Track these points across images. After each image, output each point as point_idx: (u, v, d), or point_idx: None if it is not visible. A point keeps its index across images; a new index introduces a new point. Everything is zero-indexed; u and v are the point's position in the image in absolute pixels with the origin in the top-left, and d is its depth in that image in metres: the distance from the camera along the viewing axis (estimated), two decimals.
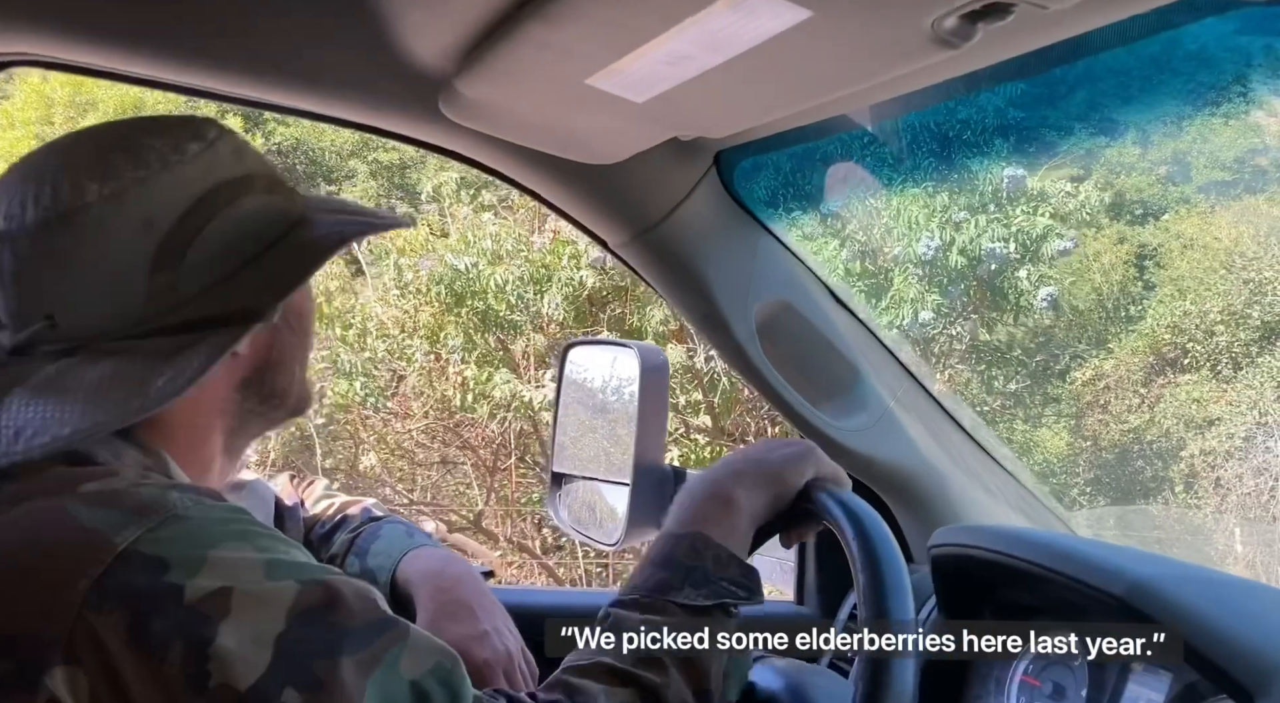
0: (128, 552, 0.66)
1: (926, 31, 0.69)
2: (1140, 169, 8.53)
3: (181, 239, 0.75)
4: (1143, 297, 7.98)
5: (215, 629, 0.64)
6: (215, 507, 0.72)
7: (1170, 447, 7.39)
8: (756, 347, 1.30)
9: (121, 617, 0.64)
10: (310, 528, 1.20)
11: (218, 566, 0.66)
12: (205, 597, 0.65)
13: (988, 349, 7.40)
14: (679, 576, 0.82)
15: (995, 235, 6.16)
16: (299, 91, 1.16)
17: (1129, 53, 0.94)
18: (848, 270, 6.05)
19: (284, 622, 0.66)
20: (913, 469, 1.39)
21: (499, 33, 0.90)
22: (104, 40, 1.07)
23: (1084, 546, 1.04)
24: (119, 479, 0.71)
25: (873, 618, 0.76)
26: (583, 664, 0.79)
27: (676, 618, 0.80)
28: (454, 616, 1.02)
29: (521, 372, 6.70)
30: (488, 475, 7.25)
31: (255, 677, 0.64)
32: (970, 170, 5.63)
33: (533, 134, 1.11)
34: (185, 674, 0.64)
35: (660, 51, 0.81)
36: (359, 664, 0.67)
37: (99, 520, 0.67)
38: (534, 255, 6.49)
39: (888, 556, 0.79)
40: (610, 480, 1.44)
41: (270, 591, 0.67)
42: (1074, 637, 1.07)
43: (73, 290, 0.74)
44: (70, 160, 0.76)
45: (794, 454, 0.90)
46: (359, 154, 9.09)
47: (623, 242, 1.29)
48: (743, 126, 1.04)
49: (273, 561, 0.69)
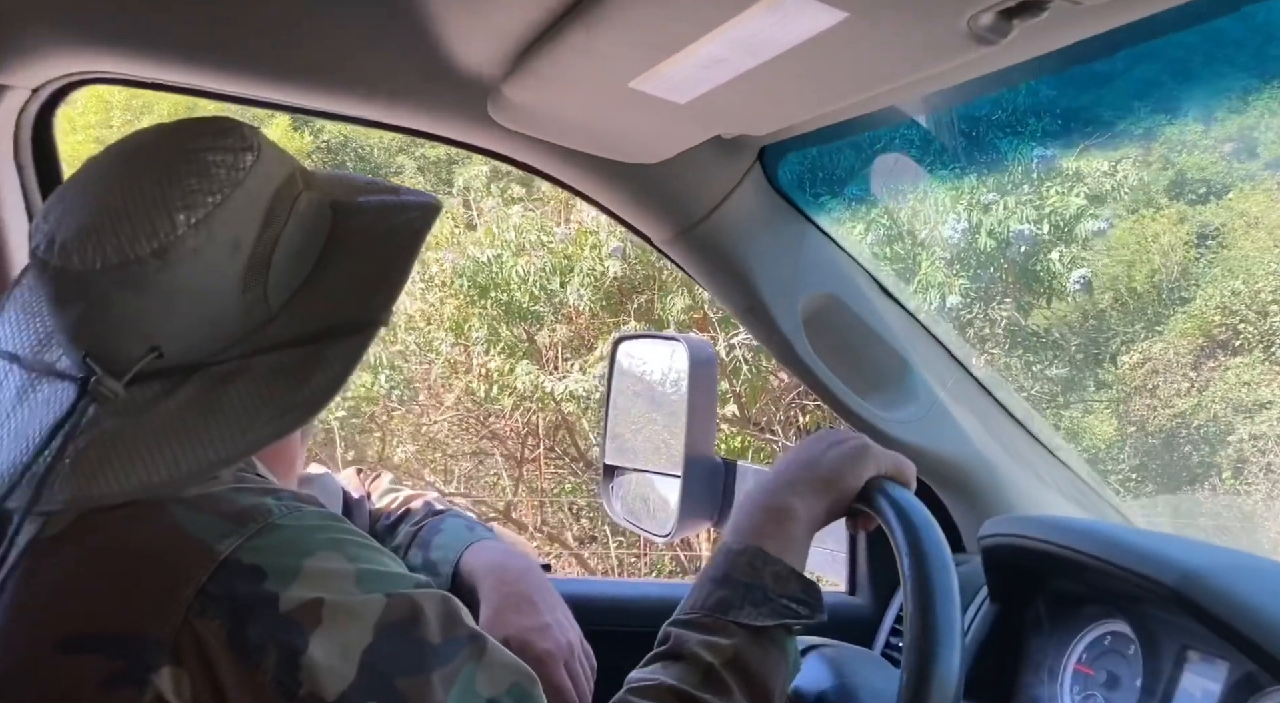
0: (229, 560, 0.68)
1: (963, 29, 0.69)
2: (1203, 147, 8.26)
3: (263, 253, 0.77)
4: (1202, 278, 7.73)
5: (307, 640, 0.67)
6: (309, 513, 0.74)
7: (1218, 431, 7.16)
8: (803, 339, 1.31)
9: (222, 623, 0.67)
10: (376, 520, 1.24)
11: (311, 575, 0.69)
12: (298, 607, 0.68)
13: (1028, 334, 7.26)
14: (738, 594, 0.81)
15: (1037, 216, 6.03)
16: (352, 99, 1.19)
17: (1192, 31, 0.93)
18: (882, 255, 5.97)
19: (371, 635, 0.68)
20: (964, 460, 1.38)
21: (544, 39, 0.92)
22: (167, 56, 1.11)
23: (1134, 535, 1.03)
24: (217, 482, 0.73)
25: (918, 611, 0.75)
26: (646, 684, 0.79)
27: (737, 638, 0.79)
28: (516, 607, 1.04)
29: (545, 363, 6.73)
30: (516, 466, 7.31)
31: (341, 689, 0.67)
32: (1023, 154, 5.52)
33: (578, 136, 1.13)
34: (278, 681, 0.66)
35: (699, 55, 0.82)
36: (441, 680, 0.69)
37: (202, 528, 0.69)
38: (556, 246, 6.49)
39: (935, 554, 0.77)
40: (662, 472, 1.45)
41: (359, 603, 0.69)
42: (1127, 625, 1.07)
43: (175, 320, 0.75)
44: (141, 189, 0.75)
45: (848, 453, 0.88)
46: (406, 150, 9.19)
47: (668, 238, 1.30)
48: (783, 125, 1.04)
49: (363, 571, 0.71)
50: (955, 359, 1.40)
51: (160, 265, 0.73)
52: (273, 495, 0.73)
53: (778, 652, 0.80)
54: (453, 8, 0.96)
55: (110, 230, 0.73)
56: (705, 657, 0.78)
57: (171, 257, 0.73)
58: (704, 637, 0.80)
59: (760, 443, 6.49)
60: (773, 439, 6.43)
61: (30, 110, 1.16)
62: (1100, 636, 1.11)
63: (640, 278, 6.53)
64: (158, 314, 0.74)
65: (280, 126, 9.89)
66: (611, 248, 6.30)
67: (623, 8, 0.79)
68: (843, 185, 1.42)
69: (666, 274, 6.40)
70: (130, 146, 0.80)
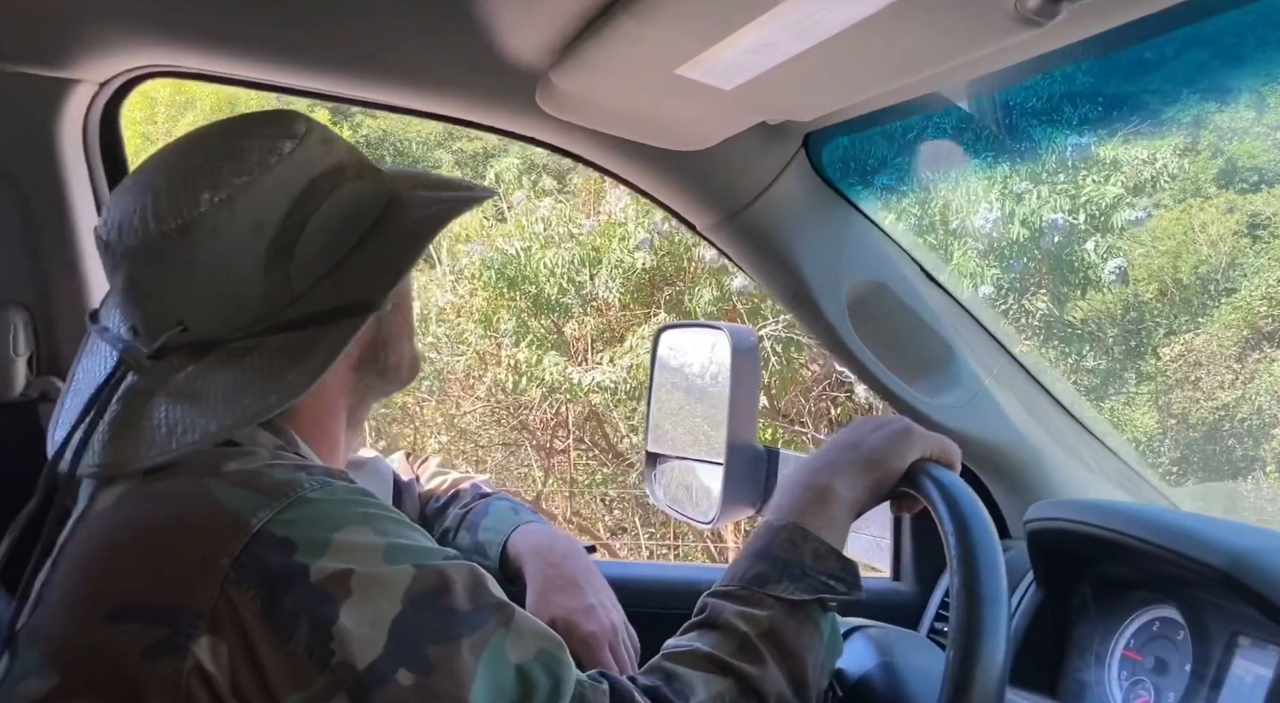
0: (261, 532, 0.70)
1: (1010, 11, 0.70)
2: (1254, 134, 8.04)
3: (288, 237, 0.79)
4: (1249, 268, 7.52)
5: (338, 610, 0.68)
6: (340, 488, 0.75)
7: (1262, 424, 6.98)
8: (848, 325, 1.31)
9: (257, 593, 0.69)
10: (425, 503, 1.27)
11: (341, 548, 0.70)
12: (328, 577, 0.69)
13: (1067, 324, 7.14)
14: (776, 569, 0.82)
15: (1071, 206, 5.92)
16: (403, 89, 1.22)
17: (1243, 11, 0.92)
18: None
19: (400, 605, 0.70)
20: (1009, 445, 1.38)
21: (592, 28, 0.93)
22: (227, 49, 1.14)
23: (1183, 518, 1.02)
24: (255, 459, 0.76)
25: (964, 591, 0.75)
26: (681, 651, 0.80)
27: (773, 610, 0.80)
28: (562, 589, 1.06)
29: (574, 355, 6.74)
30: (546, 457, 7.33)
31: (372, 657, 0.68)
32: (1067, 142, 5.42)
33: (625, 124, 1.14)
34: (310, 651, 0.68)
35: (747, 40, 0.82)
36: (471, 647, 0.71)
37: (237, 501, 0.71)
38: (585, 238, 6.49)
39: (981, 535, 0.77)
40: (704, 460, 1.47)
41: (388, 574, 0.71)
42: (1176, 610, 1.06)
43: (197, 297, 0.79)
44: (179, 171, 0.80)
45: (892, 436, 0.88)
46: (444, 144, 9.25)
47: (712, 224, 1.31)
48: (829, 109, 1.05)
49: (391, 545, 0.72)
50: (1000, 345, 1.40)
51: (182, 242, 0.77)
52: (305, 471, 0.75)
53: (812, 627, 0.81)
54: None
55: (149, 209, 0.78)
56: (741, 627, 0.80)
57: (193, 234, 0.77)
58: (740, 608, 0.81)
59: (790, 435, 6.47)
60: (802, 431, 6.41)
61: (98, 104, 1.20)
62: (1149, 621, 1.10)
63: (671, 269, 6.52)
64: (182, 290, 0.79)
65: (320, 119, 9.97)
66: (639, 239, 6.29)
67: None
68: (885, 172, 1.41)
69: (696, 266, 6.39)
70: (190, 136, 0.84)
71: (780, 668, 0.79)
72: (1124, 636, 1.13)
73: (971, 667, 0.72)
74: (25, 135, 1.17)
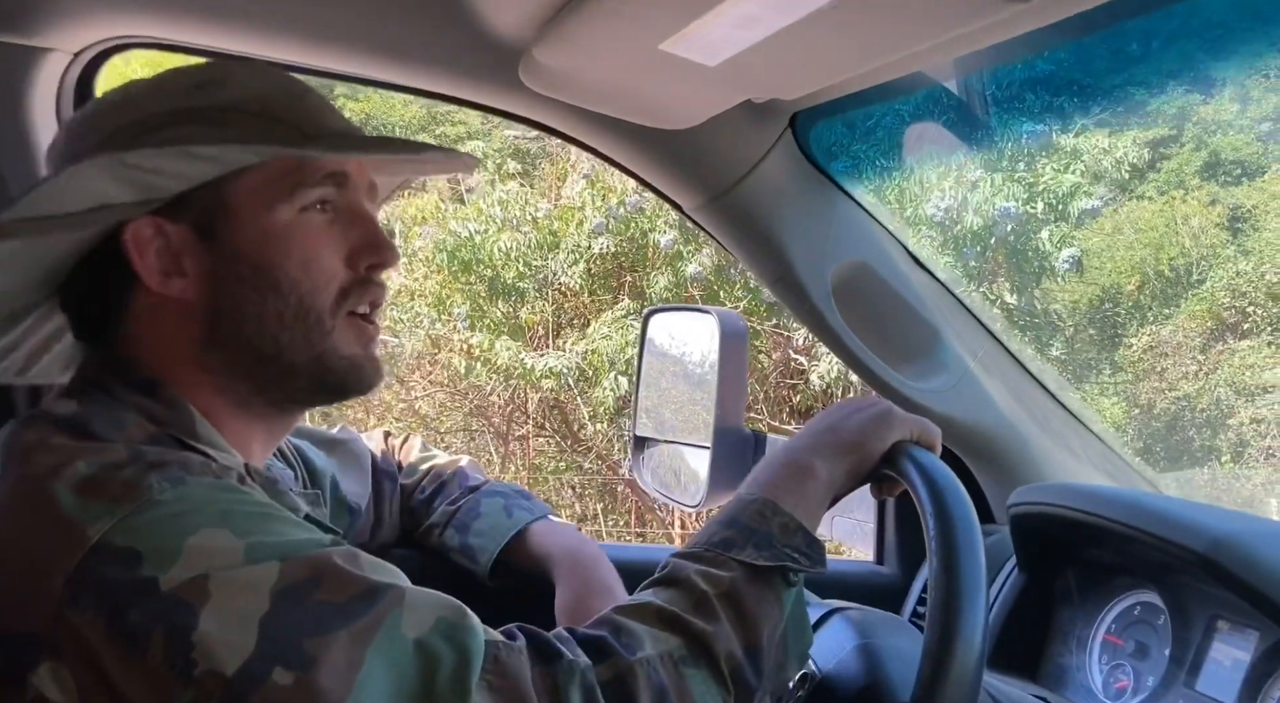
0: (100, 544, 0.64)
1: None
2: (1238, 127, 8.05)
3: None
4: (1230, 260, 7.54)
5: (196, 616, 0.63)
6: (196, 485, 0.69)
7: (1220, 415, 7.02)
8: (833, 308, 1.30)
9: (99, 611, 0.63)
10: (409, 495, 1.24)
11: (194, 554, 0.65)
12: (181, 585, 0.64)
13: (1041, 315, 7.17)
14: (743, 536, 0.81)
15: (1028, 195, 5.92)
16: (386, 64, 1.20)
17: (1225, 4, 0.91)
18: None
19: (268, 602, 0.65)
20: (994, 430, 1.38)
21: (573, 3, 0.92)
22: (205, 21, 1.12)
23: (1164, 502, 1.02)
24: (109, 454, 0.70)
25: (942, 571, 0.75)
26: (634, 604, 0.78)
27: (735, 573, 0.79)
28: (597, 593, 1.06)
29: (534, 340, 6.72)
30: (503, 443, 7.31)
31: (241, 660, 0.63)
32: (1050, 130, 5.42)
33: (609, 100, 1.13)
34: (169, 663, 0.63)
35: (730, 14, 0.81)
36: (354, 636, 0.66)
37: (76, 509, 0.66)
38: (542, 222, 6.46)
39: (959, 514, 0.76)
40: (692, 444, 1.46)
41: (249, 573, 0.66)
42: (1157, 594, 1.06)
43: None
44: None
45: (872, 418, 0.87)
46: (427, 128, 9.19)
47: (698, 205, 1.30)
48: (814, 87, 1.03)
49: (252, 543, 0.67)
50: (986, 329, 1.39)
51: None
52: (158, 470, 0.69)
53: (773, 595, 0.79)
54: None
55: None
56: (700, 585, 0.78)
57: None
58: (702, 567, 0.79)
59: (746, 422, 6.47)
60: (757, 419, 6.41)
61: (72, 74, 1.17)
62: (1130, 605, 1.11)
63: (635, 255, 6.50)
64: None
65: None
66: (594, 224, 6.25)
67: None
68: (876, 153, 1.40)
69: (653, 252, 6.38)
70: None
71: (735, 629, 0.77)
72: (1105, 620, 1.13)
73: (949, 645, 0.72)
74: None
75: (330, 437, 1.20)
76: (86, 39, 1.14)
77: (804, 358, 6.46)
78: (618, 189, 6.22)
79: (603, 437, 6.94)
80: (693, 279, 6.25)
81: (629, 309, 6.29)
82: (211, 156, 0.77)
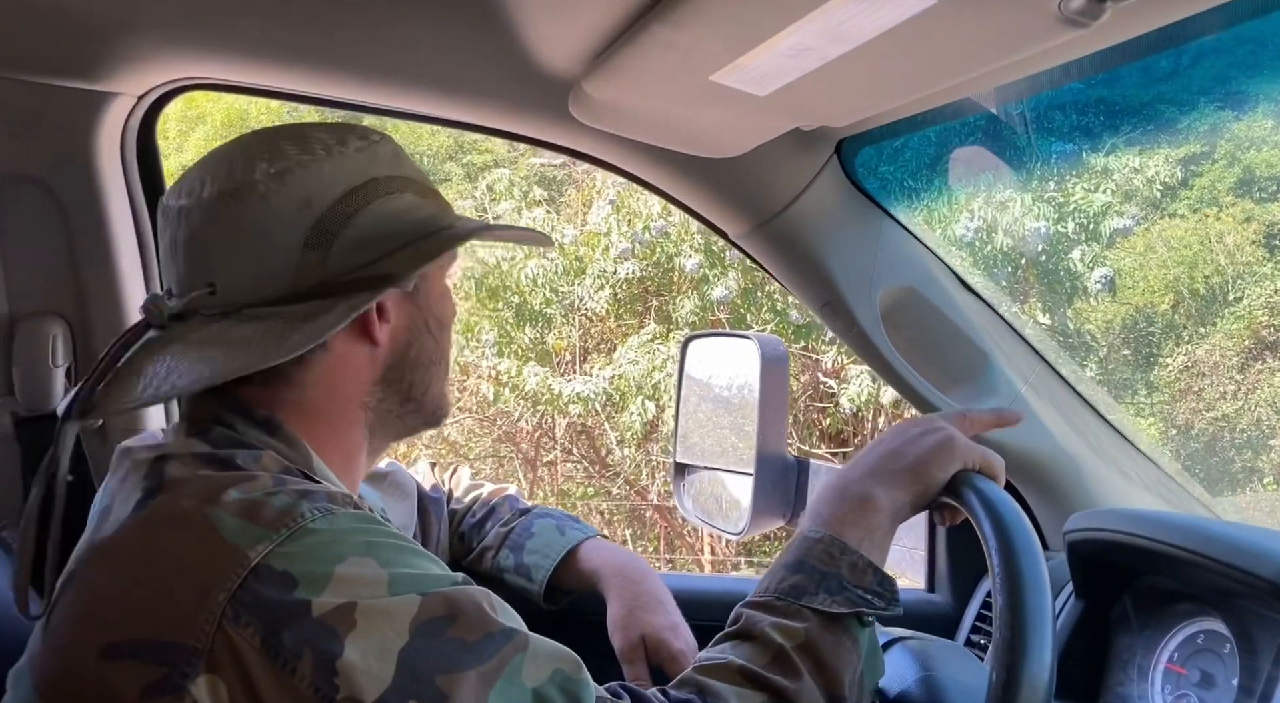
0: (259, 566, 0.68)
1: (1054, 12, 0.69)
2: (1271, 143, 7.93)
3: (335, 221, 0.80)
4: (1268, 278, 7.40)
5: (342, 644, 0.66)
6: (343, 516, 0.73)
7: (1260, 435, 6.87)
8: (881, 333, 1.30)
9: (256, 629, 0.67)
10: (460, 520, 1.26)
11: (343, 581, 0.69)
12: (331, 611, 0.67)
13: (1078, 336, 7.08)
14: (813, 580, 0.80)
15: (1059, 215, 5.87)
16: (435, 99, 1.22)
17: (1265, 20, 0.90)
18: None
19: (407, 635, 0.68)
20: (1046, 454, 1.36)
21: (625, 36, 0.93)
22: (262, 60, 1.16)
23: (1228, 528, 1.00)
24: (256, 485, 0.73)
25: (1008, 608, 0.73)
26: (715, 663, 0.78)
27: (810, 623, 0.78)
28: (648, 608, 1.07)
29: (561, 365, 6.72)
30: (531, 469, 7.30)
31: (380, 691, 0.66)
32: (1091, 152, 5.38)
33: (658, 132, 1.14)
34: (314, 687, 0.66)
35: (783, 45, 0.82)
36: (481, 677, 0.69)
37: (236, 533, 0.70)
38: (569, 248, 6.49)
39: (1024, 548, 0.75)
40: (733, 470, 1.46)
41: (393, 604, 0.69)
42: (1221, 622, 1.04)
43: (234, 260, 0.79)
44: (246, 146, 0.83)
45: (936, 445, 0.86)
46: (455, 157, 9.29)
47: (744, 232, 1.31)
48: (865, 115, 1.04)
49: (395, 575, 0.71)
50: (1037, 353, 1.38)
51: (232, 204, 0.79)
52: (307, 498, 0.73)
53: (850, 640, 0.79)
54: (536, 8, 0.98)
55: (200, 175, 0.81)
56: (776, 639, 0.78)
57: (243, 197, 0.79)
58: (776, 619, 0.79)
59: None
60: (788, 443, 6.39)
61: (136, 116, 1.21)
62: (1193, 634, 1.08)
63: (661, 280, 6.51)
64: (221, 252, 0.79)
65: None
66: (620, 249, 6.28)
67: (708, 2, 0.80)
68: (921, 178, 1.41)
69: (678, 276, 6.38)
70: (270, 127, 0.88)
71: (816, 682, 0.77)
72: (1167, 648, 1.10)
73: (1016, 686, 0.71)
74: (64, 148, 1.19)
75: (375, 470, 1.21)
76: (149, 82, 1.18)
77: (833, 381, 6.43)
78: (643, 214, 6.26)
79: (630, 462, 6.93)
80: (719, 303, 6.26)
81: (655, 333, 6.30)
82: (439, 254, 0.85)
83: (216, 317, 0.79)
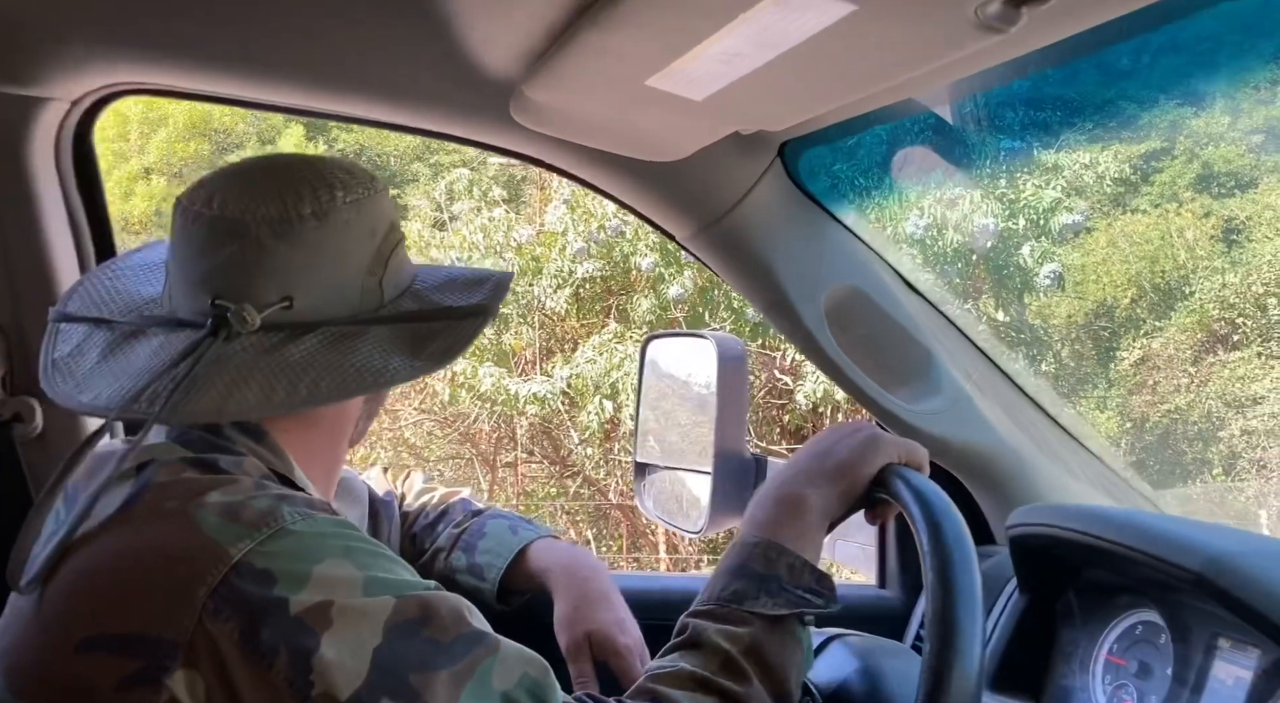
0: (240, 563, 0.70)
1: (971, 18, 0.70)
2: (1229, 139, 8.09)
3: (385, 250, 0.87)
4: (1219, 272, 7.54)
5: (318, 641, 0.68)
6: (321, 521, 0.75)
7: (1211, 427, 7.03)
8: (826, 333, 1.31)
9: (235, 625, 0.68)
10: (412, 521, 1.25)
11: (321, 581, 0.71)
12: (309, 609, 0.69)
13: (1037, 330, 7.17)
14: (754, 584, 0.83)
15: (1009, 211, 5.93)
16: (378, 103, 1.22)
17: (1214, 18, 0.92)
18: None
19: (381, 635, 0.70)
20: (991, 451, 1.38)
21: (560, 41, 0.93)
22: (200, 66, 1.14)
23: (1161, 521, 1.02)
24: (238, 488, 0.75)
25: (939, 591, 0.76)
26: (666, 672, 0.81)
27: (754, 627, 0.81)
28: (595, 604, 1.08)
29: (519, 365, 6.72)
30: (490, 470, 7.30)
31: (354, 687, 0.68)
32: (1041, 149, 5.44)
33: (599, 135, 1.15)
34: (290, 682, 0.68)
35: (714, 50, 0.83)
36: (453, 677, 0.71)
37: (218, 530, 0.71)
38: (525, 248, 6.50)
39: (951, 528, 0.78)
40: (693, 469, 1.46)
41: (368, 605, 0.71)
42: (1157, 614, 1.06)
43: (312, 278, 0.83)
44: (302, 173, 0.86)
45: (860, 443, 0.89)
46: (422, 158, 9.27)
47: (690, 234, 1.31)
48: (799, 119, 1.05)
49: (371, 577, 0.73)
50: (980, 351, 1.40)
51: (317, 225, 0.83)
52: (286, 502, 0.75)
53: (794, 641, 0.82)
54: (473, 12, 0.98)
55: (275, 194, 0.83)
56: (723, 645, 0.80)
57: (328, 221, 0.83)
58: (721, 626, 0.82)
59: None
60: (748, 440, 6.42)
61: (70, 122, 1.19)
62: (1131, 625, 1.10)
63: (621, 279, 6.53)
64: (301, 269, 0.82)
65: (295, 136, 9.98)
66: (576, 248, 6.29)
67: (635, 6, 0.80)
68: (864, 179, 1.42)
69: (635, 275, 6.39)
70: (278, 155, 0.91)
71: (764, 684, 0.80)
72: (1107, 640, 1.12)
73: (948, 659, 0.73)
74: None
75: None
76: (84, 87, 1.16)
77: (789, 378, 6.46)
78: (598, 213, 6.26)
79: (591, 461, 6.93)
80: (675, 301, 6.28)
81: (615, 333, 6.29)
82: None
83: (290, 332, 0.82)
